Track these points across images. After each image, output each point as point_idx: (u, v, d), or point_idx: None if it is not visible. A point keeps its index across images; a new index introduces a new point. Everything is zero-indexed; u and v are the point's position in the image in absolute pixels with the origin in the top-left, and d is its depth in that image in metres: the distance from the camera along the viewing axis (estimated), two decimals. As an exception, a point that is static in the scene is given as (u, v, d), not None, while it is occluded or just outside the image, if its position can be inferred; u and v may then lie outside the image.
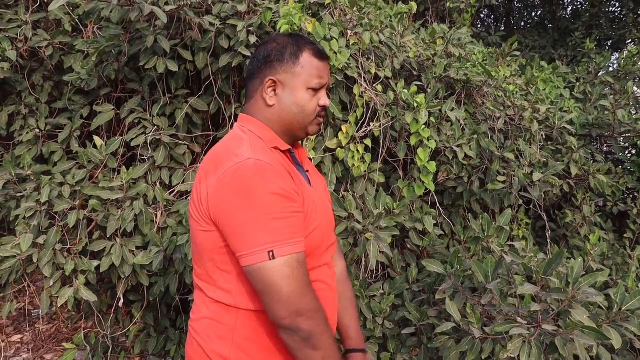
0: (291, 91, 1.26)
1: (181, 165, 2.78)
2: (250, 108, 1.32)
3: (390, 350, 2.38)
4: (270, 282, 1.08)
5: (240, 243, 1.10)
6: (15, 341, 3.33)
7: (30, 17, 2.85)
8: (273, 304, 1.09)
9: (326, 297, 1.29)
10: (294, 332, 1.10)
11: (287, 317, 1.09)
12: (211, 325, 1.21)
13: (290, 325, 1.09)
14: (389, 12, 3.14)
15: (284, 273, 1.09)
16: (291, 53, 1.27)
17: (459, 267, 2.14)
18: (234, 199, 1.10)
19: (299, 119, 1.28)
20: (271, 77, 1.26)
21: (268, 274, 1.08)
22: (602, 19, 6.33)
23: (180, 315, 2.94)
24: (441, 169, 2.94)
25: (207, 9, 2.63)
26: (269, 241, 1.08)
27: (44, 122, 2.91)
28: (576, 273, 1.70)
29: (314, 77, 1.27)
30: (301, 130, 1.30)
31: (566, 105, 3.75)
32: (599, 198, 3.68)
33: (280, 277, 1.08)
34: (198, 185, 1.20)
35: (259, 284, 1.10)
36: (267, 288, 1.09)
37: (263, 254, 1.08)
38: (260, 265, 1.08)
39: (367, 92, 2.64)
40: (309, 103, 1.27)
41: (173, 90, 2.78)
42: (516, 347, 1.66)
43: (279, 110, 1.27)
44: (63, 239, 2.53)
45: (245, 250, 1.09)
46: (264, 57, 1.28)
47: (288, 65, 1.26)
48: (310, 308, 1.11)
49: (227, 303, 1.19)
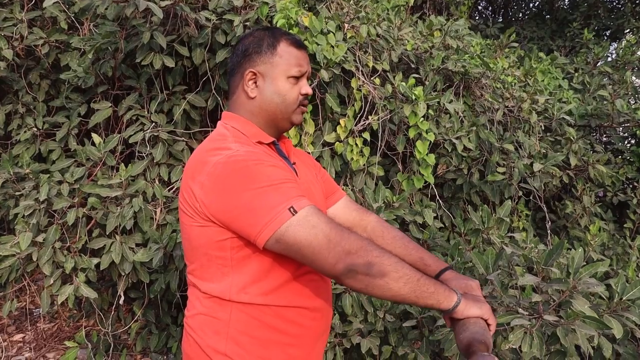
0: (272, 81, 1.27)
1: (180, 161, 2.77)
2: (233, 104, 1.32)
3: (392, 344, 2.38)
4: (304, 236, 1.04)
5: (254, 218, 1.06)
6: (17, 340, 3.33)
7: (25, 16, 2.84)
8: (317, 257, 1.04)
9: (319, 288, 1.28)
10: (355, 272, 1.03)
11: (339, 260, 1.03)
12: (206, 321, 1.20)
13: (346, 268, 1.03)
14: (386, 5, 3.13)
15: (313, 222, 1.04)
16: (268, 44, 1.28)
17: (460, 259, 2.14)
18: (235, 182, 1.08)
19: (281, 109, 1.28)
20: (251, 69, 1.27)
21: (298, 230, 1.04)
22: (600, 9, 6.30)
23: (181, 312, 2.94)
24: (440, 161, 2.94)
25: (203, 4, 2.62)
26: (283, 200, 1.05)
27: (41, 121, 2.91)
28: (577, 263, 1.70)
29: (293, 66, 1.27)
30: (285, 120, 1.30)
31: (565, 95, 3.74)
32: (598, 188, 3.67)
33: (310, 227, 1.04)
34: (186, 183, 1.18)
35: (293, 245, 1.05)
36: (303, 245, 1.04)
37: (284, 213, 1.04)
38: (286, 225, 1.04)
39: (365, 85, 2.63)
40: (290, 91, 1.28)
41: (170, 87, 2.77)
42: (518, 338, 1.66)
43: (261, 102, 1.28)
44: (62, 237, 2.53)
45: (263, 221, 1.05)
46: (242, 52, 1.30)
47: (266, 56, 1.27)
48: (354, 241, 1.05)
49: (221, 297, 1.18)
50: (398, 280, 1.05)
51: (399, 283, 1.05)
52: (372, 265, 1.03)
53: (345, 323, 2.38)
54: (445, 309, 1.11)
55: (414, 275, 1.07)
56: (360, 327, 2.36)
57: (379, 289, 1.04)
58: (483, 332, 1.10)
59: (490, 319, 1.14)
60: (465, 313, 1.12)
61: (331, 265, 1.03)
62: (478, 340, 1.07)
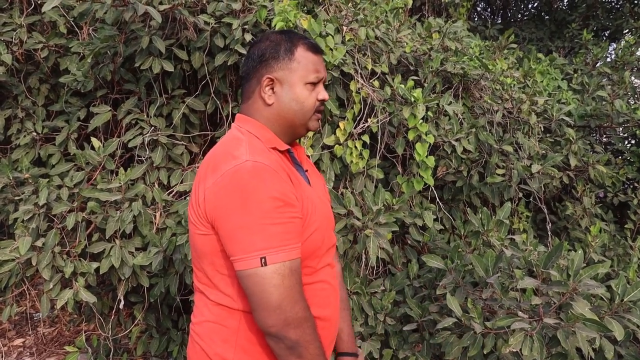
0: (290, 87, 1.24)
1: (179, 165, 2.77)
2: (248, 108, 1.29)
3: (393, 347, 2.38)
4: (260, 289, 1.07)
5: (234, 247, 1.09)
6: (17, 345, 3.33)
7: (25, 20, 2.84)
8: (260, 311, 1.08)
9: (329, 296, 1.29)
10: (281, 341, 1.09)
11: (274, 325, 1.07)
12: (214, 329, 1.20)
13: (277, 334, 1.08)
14: (384, 7, 3.12)
15: (275, 281, 1.07)
16: (286, 49, 1.25)
17: (460, 262, 2.13)
18: (231, 201, 1.09)
19: (299, 116, 1.26)
20: (268, 75, 1.24)
21: (259, 280, 1.07)
22: (598, 9, 6.30)
23: (181, 316, 2.94)
24: (440, 163, 2.94)
25: (202, 8, 2.62)
26: (262, 247, 1.07)
27: (41, 125, 2.91)
28: (577, 265, 1.70)
29: (310, 72, 1.25)
30: (302, 126, 1.29)
31: (564, 96, 3.74)
32: (599, 189, 3.67)
33: (270, 285, 1.07)
34: (197, 187, 1.19)
35: (249, 289, 1.09)
36: (256, 295, 1.08)
37: (255, 260, 1.07)
38: (251, 271, 1.07)
39: (364, 88, 2.63)
40: (308, 98, 1.26)
41: (169, 91, 2.77)
42: (518, 341, 1.65)
43: (279, 108, 1.25)
44: (62, 242, 2.52)
45: (238, 255, 1.08)
46: (258, 56, 1.27)
47: (284, 62, 1.24)
48: (299, 317, 1.09)
49: (230, 306, 1.18)
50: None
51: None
52: (299, 345, 1.09)
53: (346, 326, 2.37)
54: None
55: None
56: (361, 331, 2.35)
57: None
58: None
59: None
60: None
61: (267, 325, 1.08)
62: None
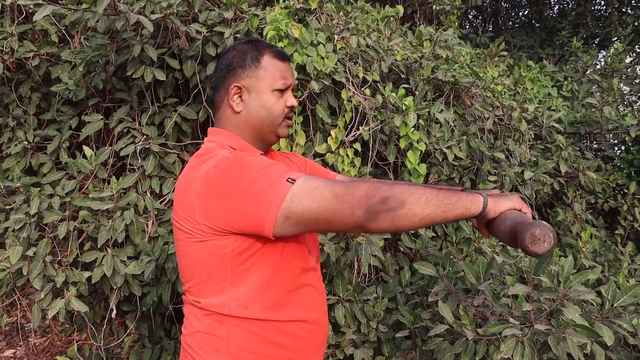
0: (257, 95, 1.26)
1: (171, 174, 2.77)
2: (218, 119, 1.32)
3: (385, 354, 2.38)
4: (311, 200, 1.02)
5: (257, 201, 1.05)
6: (8, 356, 3.30)
7: (16, 29, 2.83)
8: (332, 214, 1.01)
9: (315, 299, 1.30)
10: (375, 212, 0.99)
11: (354, 209, 1.00)
12: (205, 339, 1.20)
13: (365, 212, 0.99)
14: (375, 16, 3.15)
15: (313, 184, 1.03)
16: (252, 57, 1.27)
17: (451, 269, 2.14)
18: (228, 178, 1.08)
19: (267, 122, 1.28)
20: (235, 83, 1.27)
21: (303, 196, 1.02)
22: (588, 17, 6.38)
23: (174, 325, 2.92)
24: (432, 170, 2.95)
25: (194, 17, 2.63)
26: (279, 176, 1.05)
27: (32, 134, 2.89)
28: (567, 271, 1.71)
29: (277, 79, 1.27)
30: (271, 133, 1.30)
31: (554, 103, 3.78)
32: (589, 195, 3.70)
33: (313, 189, 1.02)
34: (179, 201, 1.18)
35: (304, 213, 1.03)
36: (313, 209, 1.02)
37: (284, 185, 1.03)
38: (289, 195, 1.03)
39: (356, 96, 2.64)
40: (275, 105, 1.28)
41: (161, 99, 2.77)
42: (509, 347, 1.66)
43: (247, 116, 1.27)
44: (53, 251, 2.51)
45: (266, 200, 1.03)
46: (226, 66, 1.29)
47: (250, 70, 1.27)
48: (359, 186, 1.02)
49: (221, 312, 1.18)
50: (418, 202, 1.01)
51: (420, 204, 1.01)
52: (388, 199, 0.99)
53: (338, 334, 2.38)
54: (476, 213, 1.08)
55: (432, 192, 1.04)
56: (354, 338, 2.35)
57: (405, 219, 1.01)
58: (521, 216, 1.06)
59: (523, 208, 1.12)
60: (497, 209, 1.09)
61: (349, 216, 1.00)
62: (520, 223, 1.03)
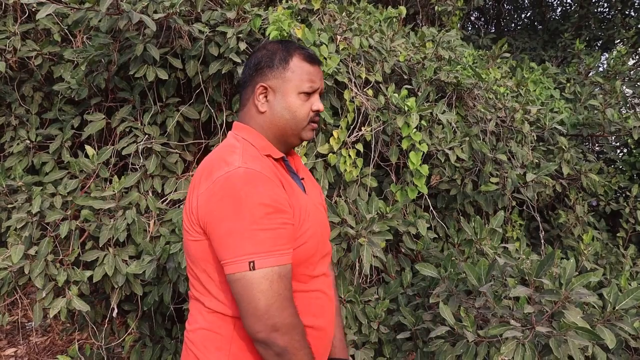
0: (282, 96, 1.25)
1: (173, 173, 2.77)
2: (243, 116, 1.31)
3: (386, 355, 2.37)
4: (248, 293, 1.07)
5: (224, 251, 1.10)
6: (9, 355, 3.30)
7: (18, 28, 2.84)
8: (248, 317, 1.08)
9: (324, 306, 1.29)
10: (269, 348, 1.09)
11: (262, 331, 1.07)
12: (208, 336, 1.20)
13: (265, 340, 1.08)
14: (378, 17, 3.15)
15: (262, 286, 1.07)
16: (281, 58, 1.26)
17: (453, 271, 2.14)
18: (222, 207, 1.10)
19: (291, 125, 1.26)
20: (262, 83, 1.26)
21: (247, 285, 1.07)
22: (591, 19, 6.37)
23: (175, 325, 2.92)
24: (434, 172, 2.95)
25: (197, 17, 2.63)
26: (251, 251, 1.07)
27: (34, 133, 2.90)
28: (568, 274, 1.71)
29: (304, 82, 1.25)
30: (294, 136, 1.28)
31: (557, 105, 3.77)
32: (591, 198, 3.69)
33: (258, 290, 1.07)
34: (190, 194, 1.20)
35: (238, 294, 1.09)
36: (244, 300, 1.08)
37: (244, 263, 1.07)
38: (239, 275, 1.08)
39: (358, 96, 2.64)
40: (300, 108, 1.26)
41: (164, 99, 2.77)
42: (510, 349, 1.66)
43: (271, 117, 1.26)
44: (55, 250, 2.51)
45: (227, 259, 1.09)
46: (254, 65, 1.28)
47: (278, 71, 1.25)
48: (287, 323, 1.09)
49: (223, 312, 1.18)
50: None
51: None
52: (287, 352, 1.09)
53: (340, 335, 2.37)
54: None
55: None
56: (355, 339, 2.35)
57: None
58: None
59: None
60: None
61: (255, 330, 1.08)
62: None
